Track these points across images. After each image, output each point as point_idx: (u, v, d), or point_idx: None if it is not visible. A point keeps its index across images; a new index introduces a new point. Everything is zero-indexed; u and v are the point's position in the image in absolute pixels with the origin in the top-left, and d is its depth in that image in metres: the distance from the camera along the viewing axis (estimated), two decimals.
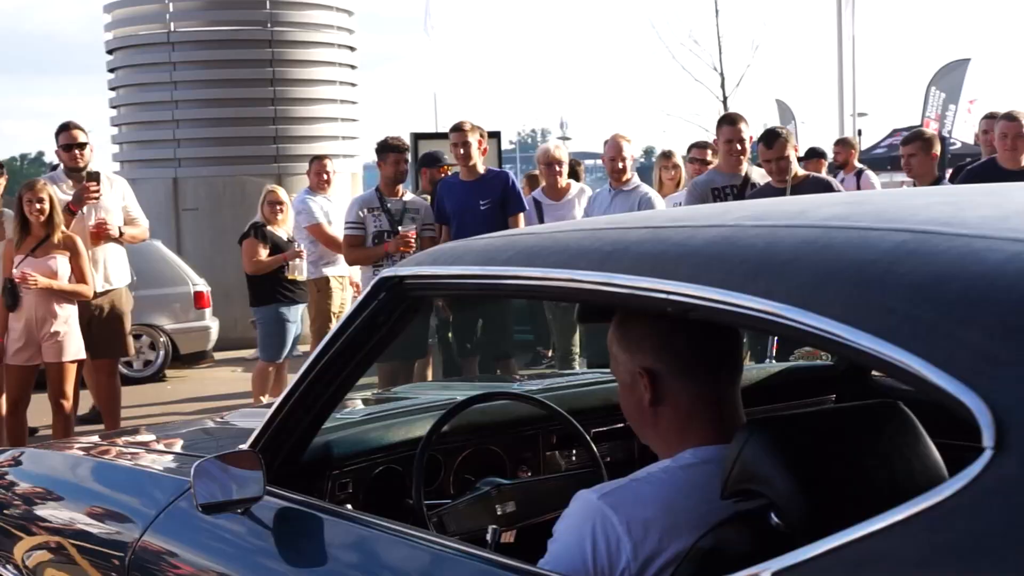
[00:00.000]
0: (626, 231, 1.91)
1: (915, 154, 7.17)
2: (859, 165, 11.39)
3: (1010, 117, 6.82)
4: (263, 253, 8.20)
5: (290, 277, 8.29)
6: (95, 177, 7.21)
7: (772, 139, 6.56)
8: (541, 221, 7.60)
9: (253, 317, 8.81)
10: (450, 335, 7.77)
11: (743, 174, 6.97)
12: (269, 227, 8.27)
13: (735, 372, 1.99)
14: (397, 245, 7.14)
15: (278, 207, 8.38)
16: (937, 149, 7.39)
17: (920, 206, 1.80)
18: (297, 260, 8.30)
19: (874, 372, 3.23)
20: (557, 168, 7.95)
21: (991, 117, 7.57)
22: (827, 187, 6.71)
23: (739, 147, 6.93)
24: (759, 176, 7.02)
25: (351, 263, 7.78)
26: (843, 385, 3.14)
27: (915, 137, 7.46)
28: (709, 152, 8.32)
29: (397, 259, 6.66)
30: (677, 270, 1.70)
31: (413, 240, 7.19)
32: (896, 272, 1.46)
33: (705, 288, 1.64)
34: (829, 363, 3.43)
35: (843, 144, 11.82)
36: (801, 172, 6.86)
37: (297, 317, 8.37)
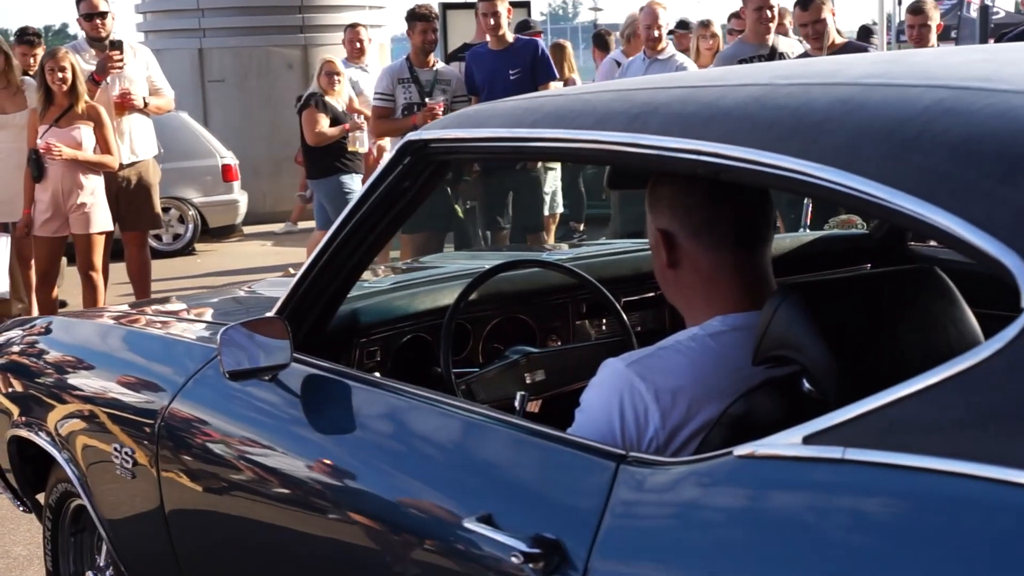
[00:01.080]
0: (656, 91, 1.87)
1: (926, 24, 7.05)
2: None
3: None
4: (324, 123, 8.14)
5: (351, 148, 8.27)
6: (118, 46, 7.16)
7: (808, 1, 6.39)
8: None
9: (305, 191, 8.80)
10: (479, 210, 7.74)
11: (770, 44, 6.81)
12: (326, 97, 8.22)
13: (760, 240, 1.96)
14: (424, 118, 7.07)
15: (335, 77, 8.32)
16: (936, 20, 7.26)
17: (958, 63, 1.75)
18: (358, 132, 8.26)
19: (911, 242, 3.21)
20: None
21: None
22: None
23: (768, 14, 6.74)
24: (787, 46, 6.87)
25: (379, 135, 7.76)
26: (879, 254, 3.12)
27: (918, 10, 7.29)
28: (715, 26, 8.10)
29: None
30: (708, 130, 1.67)
31: (440, 113, 7.12)
32: (933, 130, 1.43)
33: (736, 148, 1.61)
34: (864, 232, 3.39)
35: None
36: (840, 39, 6.70)
37: (356, 187, 8.36)
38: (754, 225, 1.95)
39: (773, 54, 6.76)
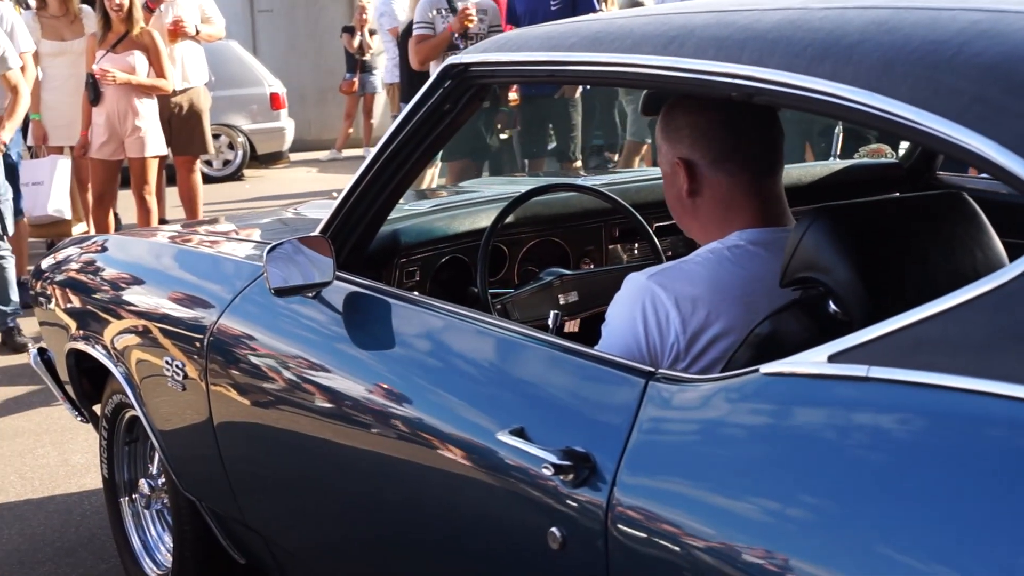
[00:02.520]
0: (692, 15, 1.84)
1: None
2: None
3: None
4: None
5: None
6: None
7: None
8: None
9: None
10: (517, 138, 7.72)
11: None
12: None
13: (775, 164, 1.98)
14: (460, 22, 7.04)
15: None
16: None
17: None
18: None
19: (939, 171, 3.16)
20: None
21: None
22: None
23: None
24: None
25: (422, 60, 7.67)
26: (908, 183, 3.09)
27: None
28: None
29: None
30: (742, 53, 1.64)
31: (473, 15, 7.08)
32: (967, 52, 1.40)
33: (771, 71, 1.59)
34: (894, 161, 3.35)
35: None
36: None
37: None
38: (769, 150, 1.97)
39: None
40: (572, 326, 2.70)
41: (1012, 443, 1.24)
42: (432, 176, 7.75)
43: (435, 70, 2.23)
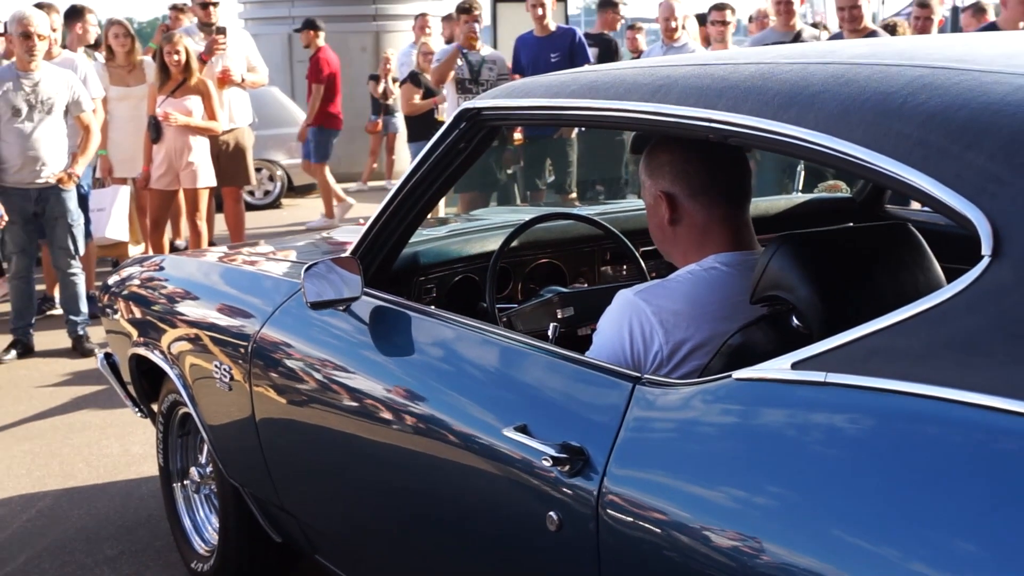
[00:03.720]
0: (675, 68, 1.85)
1: (929, 17, 6.95)
2: None
3: None
4: (417, 97, 8.28)
5: (439, 118, 8.29)
6: (222, 31, 7.24)
7: None
8: None
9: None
10: (520, 174, 7.74)
11: (795, 30, 6.65)
12: (423, 74, 8.28)
13: (744, 198, 1.98)
14: (467, 40, 7.27)
15: (430, 56, 8.33)
16: (938, 15, 7.18)
17: (937, 46, 1.72)
18: (445, 103, 8.28)
19: (887, 205, 3.16)
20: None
21: None
22: None
23: (789, 3, 6.55)
24: (810, 35, 6.70)
25: (438, 82, 7.73)
26: (860, 215, 3.08)
27: (925, 4, 7.19)
28: (729, 12, 7.71)
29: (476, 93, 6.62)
30: (719, 101, 1.65)
31: (477, 34, 7.31)
32: (912, 102, 1.41)
33: (743, 116, 1.60)
34: (848, 196, 3.35)
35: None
36: (871, 26, 6.49)
37: None
38: (739, 186, 1.97)
39: (797, 38, 6.59)
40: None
41: (947, 439, 1.25)
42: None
43: (450, 111, 2.24)
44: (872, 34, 6.32)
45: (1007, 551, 1.14)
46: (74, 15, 7.47)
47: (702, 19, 8.91)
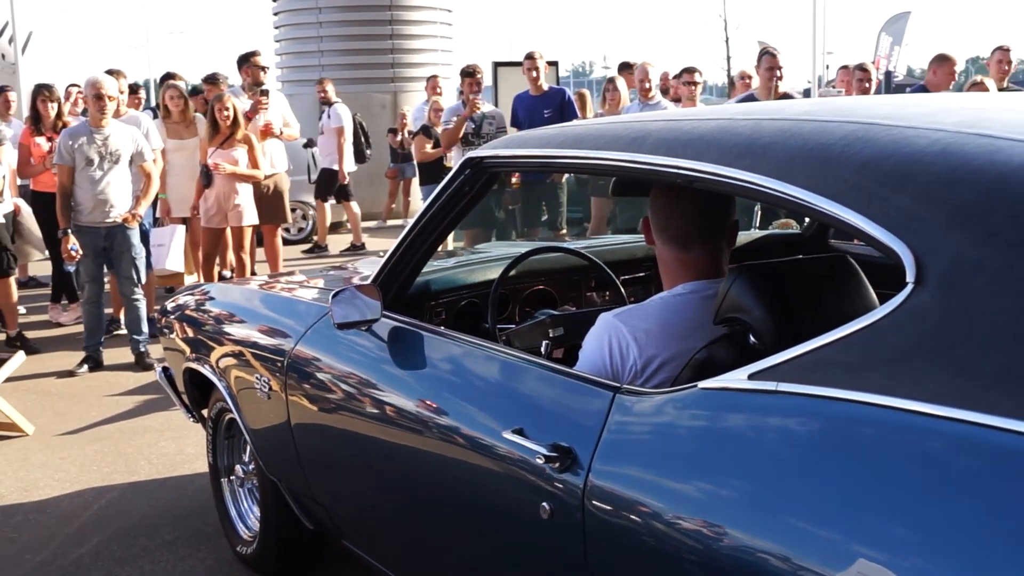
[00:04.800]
0: (648, 123, 1.86)
1: (868, 80, 7.00)
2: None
3: (942, 58, 6.74)
4: (428, 147, 8.32)
5: (447, 165, 8.32)
6: (265, 93, 7.29)
7: (773, 55, 6.38)
8: None
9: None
10: (518, 213, 7.75)
11: (780, 94, 6.62)
12: (433, 127, 8.33)
13: (716, 233, 1.92)
14: (471, 107, 7.23)
15: (440, 112, 8.37)
16: (875, 79, 7.22)
17: (869, 105, 1.73)
18: (452, 152, 8.33)
19: (831, 239, 3.17)
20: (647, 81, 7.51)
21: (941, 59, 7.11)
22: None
23: (778, 73, 6.39)
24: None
25: (448, 145, 7.73)
26: (808, 248, 3.09)
27: (865, 69, 7.23)
28: (697, 75, 7.66)
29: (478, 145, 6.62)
30: (685, 151, 1.66)
31: (480, 103, 7.30)
32: (848, 153, 1.42)
33: (706, 164, 1.61)
34: (798, 232, 3.36)
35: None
36: (785, 90, 6.56)
37: None
38: (710, 223, 1.92)
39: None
40: (559, 353, 2.70)
41: (880, 438, 1.25)
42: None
43: (456, 159, 2.24)
44: (786, 96, 6.36)
45: (929, 529, 1.15)
46: (166, 78, 7.58)
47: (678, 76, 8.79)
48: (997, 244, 1.22)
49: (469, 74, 7.49)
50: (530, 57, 7.35)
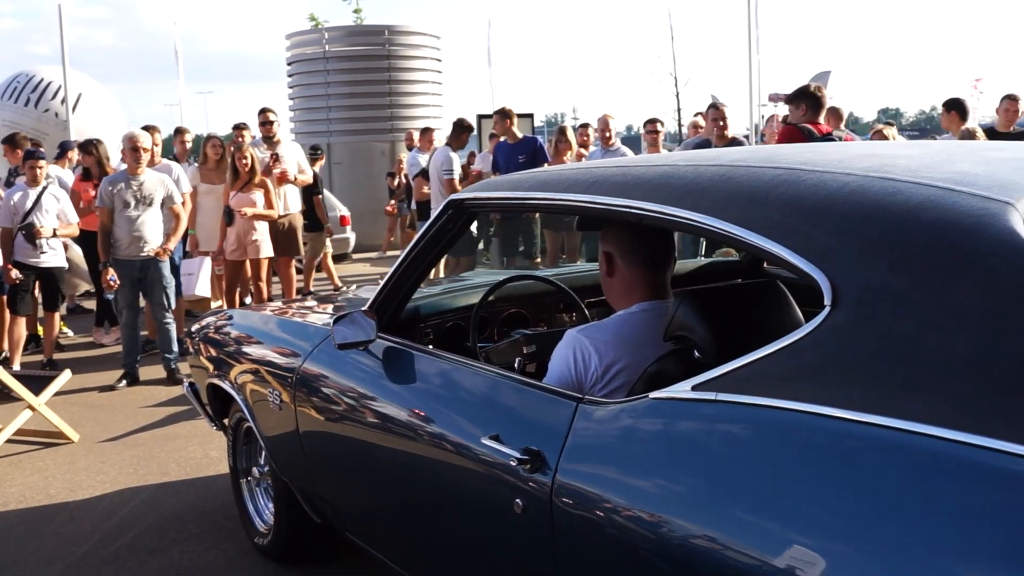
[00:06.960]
0: (604, 169, 1.86)
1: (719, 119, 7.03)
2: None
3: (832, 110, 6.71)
4: (426, 188, 8.36)
5: None
6: (277, 157, 7.28)
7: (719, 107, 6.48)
8: None
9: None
10: (496, 245, 7.76)
11: (729, 139, 6.68)
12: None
13: (663, 263, 1.94)
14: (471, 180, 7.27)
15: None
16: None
17: (793, 151, 1.74)
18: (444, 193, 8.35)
19: (765, 264, 3.17)
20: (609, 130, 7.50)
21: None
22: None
23: (722, 123, 6.49)
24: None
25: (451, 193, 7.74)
26: (746, 273, 3.10)
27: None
28: (659, 124, 7.67)
29: None
30: (636, 192, 1.66)
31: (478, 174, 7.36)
32: (775, 193, 1.42)
33: (653, 204, 1.61)
34: (738, 259, 3.37)
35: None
36: (732, 135, 6.61)
37: None
38: (659, 254, 1.94)
39: (731, 145, 6.63)
40: (532, 368, 2.69)
41: (805, 441, 1.24)
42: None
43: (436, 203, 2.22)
44: (734, 141, 6.42)
45: (849, 515, 1.14)
46: (179, 132, 7.56)
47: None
48: (899, 272, 1.22)
49: (459, 126, 7.53)
50: (502, 112, 7.31)
